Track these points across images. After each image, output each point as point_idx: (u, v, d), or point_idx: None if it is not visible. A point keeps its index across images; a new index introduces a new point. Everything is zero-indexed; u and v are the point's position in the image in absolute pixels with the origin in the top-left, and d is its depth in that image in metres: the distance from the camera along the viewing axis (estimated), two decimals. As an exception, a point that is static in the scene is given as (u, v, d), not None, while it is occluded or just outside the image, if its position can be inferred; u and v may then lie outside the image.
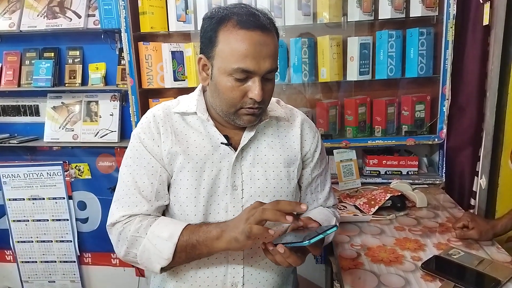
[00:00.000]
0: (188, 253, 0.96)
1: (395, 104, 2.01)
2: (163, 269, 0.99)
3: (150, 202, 1.02)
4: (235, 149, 1.06)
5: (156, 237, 0.96)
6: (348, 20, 1.92)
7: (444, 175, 1.96)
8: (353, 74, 1.95)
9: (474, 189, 1.89)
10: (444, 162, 1.96)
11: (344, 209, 1.66)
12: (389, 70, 1.91)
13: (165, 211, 1.09)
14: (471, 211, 1.86)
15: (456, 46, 1.83)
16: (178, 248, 0.95)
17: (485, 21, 1.73)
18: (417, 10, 1.84)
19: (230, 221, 0.94)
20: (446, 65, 1.84)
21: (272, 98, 1.09)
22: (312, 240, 0.81)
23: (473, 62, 1.82)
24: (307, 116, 1.53)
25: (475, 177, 1.88)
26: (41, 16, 2.16)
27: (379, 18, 1.91)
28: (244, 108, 0.99)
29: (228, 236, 0.91)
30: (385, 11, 1.87)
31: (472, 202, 1.89)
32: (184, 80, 2.06)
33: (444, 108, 1.89)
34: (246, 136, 1.07)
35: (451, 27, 1.79)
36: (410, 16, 1.88)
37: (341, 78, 1.99)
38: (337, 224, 0.85)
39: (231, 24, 0.94)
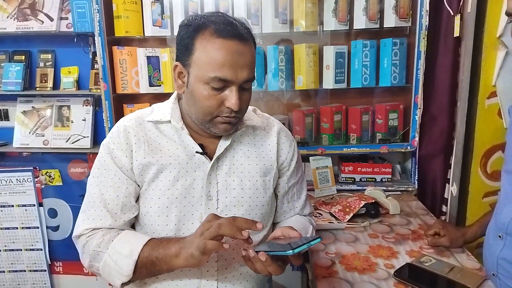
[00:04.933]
0: (149, 269, 0.95)
1: (370, 112, 2.04)
2: (124, 284, 0.97)
3: (114, 216, 1.01)
4: (211, 158, 1.05)
5: (116, 253, 0.95)
6: (324, 29, 1.95)
7: (416, 182, 2.00)
8: (329, 82, 1.97)
9: (445, 196, 1.93)
10: (417, 169, 2.00)
11: (319, 216, 1.67)
12: (363, 79, 1.94)
13: (135, 222, 1.07)
14: (443, 217, 1.90)
15: (428, 57, 1.87)
16: (139, 264, 0.94)
17: (456, 33, 1.79)
18: (391, 20, 1.88)
19: (188, 237, 0.92)
20: (418, 75, 1.88)
21: (249, 106, 1.09)
22: (297, 250, 0.80)
23: (445, 72, 1.87)
24: (284, 123, 1.53)
25: (447, 184, 1.92)
26: (11, 18, 2.09)
27: (354, 28, 1.93)
28: (220, 116, 0.99)
29: (185, 253, 0.89)
30: (360, 21, 1.90)
31: (444, 209, 1.93)
32: (160, 85, 2.03)
33: (416, 116, 1.94)
34: (222, 145, 1.06)
35: (424, 38, 1.83)
36: (384, 26, 1.91)
37: (317, 86, 2.01)
38: (320, 236, 0.85)
39: (209, 33, 0.93)
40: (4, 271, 2.44)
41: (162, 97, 1.98)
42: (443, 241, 1.37)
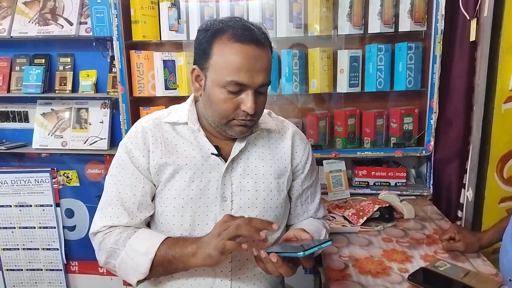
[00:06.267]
0: (165, 268, 0.97)
1: (384, 116, 2.03)
2: (139, 281, 0.99)
3: (131, 214, 1.03)
4: (226, 160, 1.06)
5: (133, 251, 0.97)
6: (338, 33, 1.95)
7: (431, 187, 1.99)
8: (343, 86, 1.97)
9: (461, 201, 1.91)
10: (432, 174, 1.99)
11: (333, 219, 1.67)
12: (378, 83, 1.94)
13: (151, 221, 1.09)
14: (458, 223, 1.88)
15: (444, 61, 1.86)
16: (155, 263, 0.96)
17: (472, 37, 1.77)
18: (406, 25, 1.88)
19: (205, 237, 0.94)
20: (433, 79, 1.87)
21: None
22: (307, 252, 0.81)
23: (460, 77, 1.86)
24: (298, 126, 1.54)
25: (462, 189, 1.90)
26: (32, 23, 2.16)
27: (368, 32, 1.93)
28: (236, 119, 1.00)
29: (202, 253, 0.91)
30: (375, 26, 1.90)
31: (459, 214, 1.91)
32: (176, 89, 2.06)
33: (431, 121, 1.92)
34: (237, 147, 1.08)
35: (439, 42, 1.83)
36: (399, 30, 1.91)
37: (331, 90, 2.01)
38: (331, 239, 0.86)
39: (226, 37, 0.95)
40: (22, 269, 2.49)
41: (177, 100, 2.01)
42: (458, 246, 1.36)
